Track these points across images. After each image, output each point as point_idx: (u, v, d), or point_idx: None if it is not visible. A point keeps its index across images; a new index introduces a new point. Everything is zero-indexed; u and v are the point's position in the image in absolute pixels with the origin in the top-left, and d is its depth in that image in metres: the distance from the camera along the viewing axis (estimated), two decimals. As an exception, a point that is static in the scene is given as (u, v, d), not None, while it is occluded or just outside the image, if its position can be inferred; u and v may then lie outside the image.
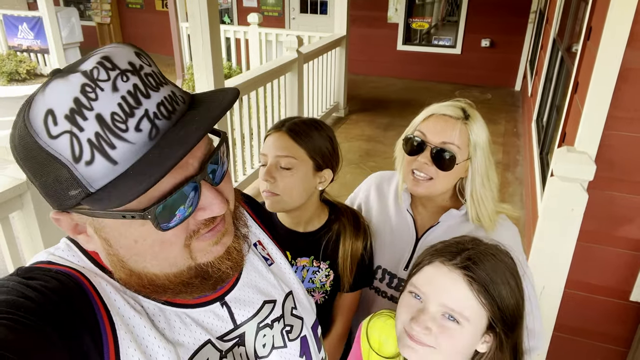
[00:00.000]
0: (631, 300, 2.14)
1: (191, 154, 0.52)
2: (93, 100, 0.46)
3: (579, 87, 2.31)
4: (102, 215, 0.51)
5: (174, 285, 0.58)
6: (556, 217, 2.00)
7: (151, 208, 0.49)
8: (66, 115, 0.46)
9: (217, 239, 0.58)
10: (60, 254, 0.60)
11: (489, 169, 1.13)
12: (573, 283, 2.16)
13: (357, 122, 6.06)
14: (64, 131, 0.46)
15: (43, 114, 0.46)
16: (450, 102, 1.14)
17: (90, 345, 0.51)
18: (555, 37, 4.27)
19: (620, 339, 2.24)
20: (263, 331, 0.71)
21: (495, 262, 0.81)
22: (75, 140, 0.46)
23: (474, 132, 1.10)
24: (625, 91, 1.83)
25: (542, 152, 3.57)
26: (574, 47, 2.92)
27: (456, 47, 8.07)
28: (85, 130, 0.46)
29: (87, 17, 10.48)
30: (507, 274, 0.82)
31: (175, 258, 0.56)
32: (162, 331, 0.59)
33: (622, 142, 1.91)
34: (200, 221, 0.56)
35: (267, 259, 0.80)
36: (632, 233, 2.03)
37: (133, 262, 0.55)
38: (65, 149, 0.46)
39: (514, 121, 6.17)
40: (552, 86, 3.85)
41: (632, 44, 1.76)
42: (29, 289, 0.50)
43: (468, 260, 0.80)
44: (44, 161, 0.48)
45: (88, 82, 0.46)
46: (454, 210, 1.18)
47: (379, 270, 1.26)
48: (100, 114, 0.46)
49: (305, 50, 4.80)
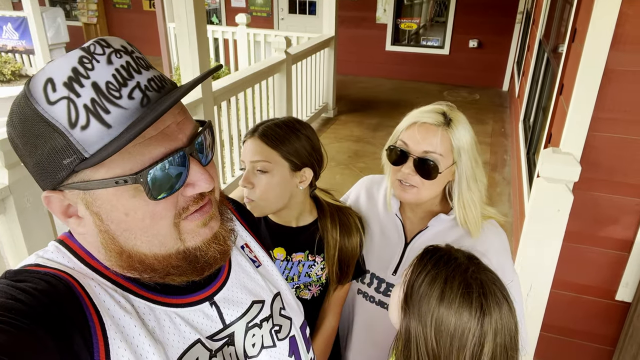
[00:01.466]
0: (617, 300, 2.16)
1: (180, 129, 0.56)
2: (90, 70, 0.50)
3: (564, 88, 2.33)
4: (95, 185, 0.52)
5: (162, 266, 0.59)
6: (542, 217, 2.01)
7: (143, 171, 0.52)
8: (64, 82, 0.50)
9: (205, 220, 0.60)
10: (49, 256, 0.60)
11: (475, 171, 1.12)
12: (560, 283, 2.18)
13: (346, 123, 6.06)
14: (61, 97, 0.49)
15: (43, 82, 0.50)
16: (431, 107, 1.13)
17: (81, 345, 0.52)
18: (542, 38, 4.31)
19: (606, 338, 2.26)
20: (252, 331, 0.72)
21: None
22: (72, 105, 0.49)
23: (456, 137, 1.08)
24: (609, 93, 1.85)
25: (529, 152, 3.60)
26: (560, 48, 2.95)
27: (444, 48, 8.12)
28: (81, 96, 0.50)
29: (74, 17, 10.36)
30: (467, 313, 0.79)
31: (165, 236, 0.57)
32: (152, 330, 0.60)
33: (606, 143, 1.93)
34: (189, 198, 0.58)
35: (254, 261, 0.81)
36: (616, 233, 2.06)
37: (123, 239, 0.57)
38: (63, 114, 0.50)
39: (502, 121, 6.21)
40: (539, 87, 3.88)
41: (615, 46, 1.78)
42: (18, 291, 0.51)
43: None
44: (40, 132, 0.51)
45: (85, 54, 0.51)
46: (442, 215, 1.18)
47: (367, 274, 1.25)
48: (96, 82, 0.50)
49: (293, 51, 4.80)
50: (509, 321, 0.79)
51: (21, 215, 1.77)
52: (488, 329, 0.76)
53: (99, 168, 0.52)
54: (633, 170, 1.94)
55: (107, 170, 0.52)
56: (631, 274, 2.08)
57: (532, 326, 2.21)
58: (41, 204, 1.85)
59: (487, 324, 0.76)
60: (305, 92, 5.43)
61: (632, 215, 2.00)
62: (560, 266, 2.09)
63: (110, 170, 0.52)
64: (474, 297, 0.77)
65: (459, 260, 0.84)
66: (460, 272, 0.81)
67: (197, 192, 0.58)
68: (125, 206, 0.54)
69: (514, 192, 3.99)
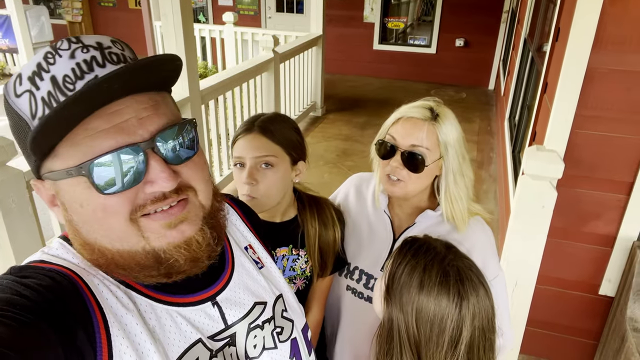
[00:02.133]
0: (600, 294, 2.20)
1: (141, 125, 0.54)
2: (51, 65, 0.52)
3: (548, 87, 2.37)
4: (54, 176, 0.55)
5: (126, 262, 0.57)
6: (527, 214, 2.05)
7: (85, 164, 0.52)
8: (29, 76, 0.53)
9: (171, 221, 0.57)
10: (54, 252, 0.61)
11: (462, 166, 1.14)
12: (544, 278, 2.21)
13: (334, 122, 6.08)
14: (25, 90, 0.53)
15: (14, 77, 0.54)
16: (419, 102, 1.15)
17: (84, 341, 0.52)
18: (526, 37, 4.36)
19: (590, 332, 2.31)
20: (254, 332, 0.72)
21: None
22: (33, 98, 0.52)
23: (442, 132, 1.11)
24: (591, 91, 1.89)
25: (515, 150, 3.65)
26: (544, 47, 2.99)
27: (431, 47, 8.17)
28: (40, 89, 0.52)
29: (58, 16, 10.22)
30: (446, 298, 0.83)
31: (122, 232, 0.56)
32: (153, 329, 0.60)
33: (589, 141, 1.97)
34: (149, 196, 0.55)
35: (257, 262, 0.81)
36: (599, 229, 2.10)
37: (85, 232, 0.57)
38: (26, 106, 0.53)
39: (488, 119, 6.28)
40: (523, 86, 3.93)
41: (597, 45, 1.81)
42: (23, 287, 0.51)
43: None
44: (16, 122, 0.55)
45: (51, 50, 0.54)
46: (429, 211, 1.20)
47: (356, 270, 1.27)
48: (54, 76, 0.52)
49: (281, 50, 4.79)
50: (486, 304, 0.83)
51: (6, 216, 1.75)
52: (466, 314, 0.80)
53: (55, 159, 0.54)
54: (615, 167, 1.98)
55: (61, 162, 0.53)
56: (614, 269, 2.13)
57: (517, 321, 2.24)
58: (27, 205, 1.84)
59: (465, 309, 0.80)
60: (293, 91, 5.43)
61: (614, 211, 2.04)
62: (545, 262, 2.12)
63: (64, 161, 0.53)
64: (451, 283, 0.81)
65: (437, 250, 0.87)
66: (438, 261, 0.84)
67: (155, 190, 0.55)
68: (80, 198, 0.55)
69: (500, 189, 4.04)
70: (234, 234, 0.81)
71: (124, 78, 0.51)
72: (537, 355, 2.45)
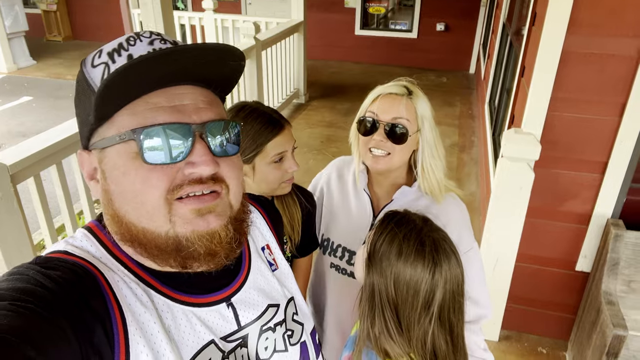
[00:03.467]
0: (577, 270, 2.29)
1: (196, 112, 0.58)
2: (131, 45, 0.58)
3: (525, 70, 2.42)
4: (106, 143, 0.57)
5: (148, 242, 0.58)
6: (506, 195, 2.11)
7: (138, 129, 0.55)
8: (108, 52, 0.58)
9: (201, 209, 0.58)
10: (78, 243, 0.62)
11: (436, 140, 1.21)
12: (523, 256, 2.29)
13: (318, 109, 6.09)
14: (101, 62, 0.58)
15: (95, 52, 0.60)
16: (393, 82, 1.23)
17: (102, 338, 0.53)
18: (505, 21, 4.41)
19: (568, 307, 2.40)
20: (265, 334, 0.72)
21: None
22: (107, 69, 0.57)
23: (419, 106, 1.18)
24: (566, 74, 1.94)
25: (495, 133, 3.72)
26: (522, 31, 3.04)
27: (412, 32, 8.19)
28: (115, 62, 0.57)
29: (32, 5, 9.95)
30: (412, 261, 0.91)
31: (153, 208, 0.56)
32: (168, 328, 0.60)
33: (565, 123, 2.03)
34: (187, 177, 0.57)
35: (272, 264, 0.81)
36: (575, 207, 2.17)
37: (118, 204, 0.58)
38: (98, 76, 0.57)
39: (469, 103, 6.35)
40: (502, 69, 3.99)
41: (571, 29, 1.86)
42: (47, 279, 0.52)
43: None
44: (83, 90, 0.59)
45: (133, 35, 0.59)
46: (405, 187, 1.25)
47: (339, 248, 1.33)
48: (131, 54, 0.57)
49: (262, 37, 4.77)
50: (457, 272, 0.92)
51: (-7, 216, 1.74)
52: (439, 278, 0.89)
53: (110, 126, 0.57)
54: (589, 147, 2.05)
55: (116, 128, 0.57)
56: (589, 246, 2.21)
57: (498, 298, 2.32)
58: (12, 198, 1.83)
59: (438, 274, 0.89)
60: (275, 79, 5.42)
61: (589, 190, 2.12)
62: (524, 240, 2.20)
63: (119, 128, 0.56)
64: (426, 252, 0.90)
65: (415, 222, 0.95)
66: (416, 232, 0.92)
67: (195, 172, 0.57)
68: (124, 165, 0.56)
69: (481, 172, 4.12)
70: (253, 233, 0.82)
71: (194, 54, 0.56)
72: (518, 330, 2.54)
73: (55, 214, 2.41)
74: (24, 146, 2.02)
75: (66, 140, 2.09)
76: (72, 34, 10.15)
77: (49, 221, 2.14)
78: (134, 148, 0.55)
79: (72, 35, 10.15)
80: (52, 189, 2.19)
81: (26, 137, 5.33)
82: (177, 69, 0.56)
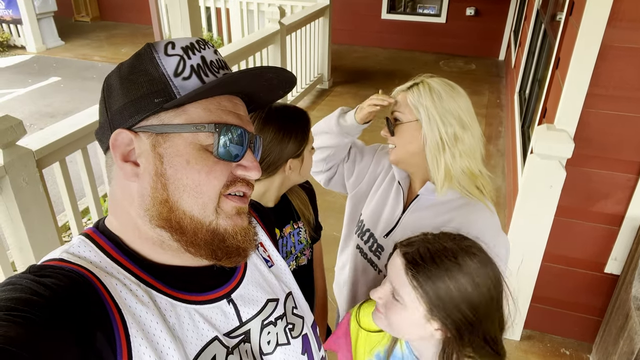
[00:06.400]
0: (606, 272, 2.22)
1: (247, 123, 0.67)
2: (202, 49, 0.64)
3: (560, 62, 2.32)
4: (173, 129, 0.60)
5: (189, 229, 0.61)
6: (535, 193, 2.04)
7: (220, 125, 0.61)
8: (182, 47, 0.63)
9: (241, 208, 0.65)
10: (74, 250, 0.62)
11: (442, 133, 1.14)
12: (550, 256, 2.23)
13: (342, 94, 6.01)
14: (177, 54, 0.62)
15: (166, 42, 0.64)
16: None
17: (104, 343, 0.53)
18: (539, 8, 4.25)
19: (595, 309, 2.34)
20: (267, 328, 0.74)
21: (447, 262, 0.87)
22: (183, 62, 0.62)
23: (413, 96, 1.17)
24: (604, 69, 1.85)
25: (524, 125, 3.61)
26: (558, 17, 2.92)
27: (441, 16, 7.98)
28: (191, 59, 0.63)
29: (61, -16, 10.06)
30: (460, 275, 0.86)
31: (210, 199, 0.61)
32: (172, 327, 0.61)
33: (600, 120, 1.94)
34: (238, 176, 0.64)
35: (267, 261, 0.83)
36: (607, 208, 2.09)
37: (172, 188, 0.60)
38: (173, 65, 0.62)
39: (498, 92, 6.19)
40: (535, 59, 3.85)
41: (612, 22, 1.76)
42: (41, 287, 0.52)
43: (417, 253, 0.89)
44: (144, 71, 0.62)
45: (201, 40, 0.66)
46: (429, 183, 1.21)
47: (367, 232, 1.34)
48: (204, 56, 0.64)
49: (287, 22, 4.71)
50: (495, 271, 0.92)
51: (18, 194, 1.77)
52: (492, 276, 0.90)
53: (181, 114, 0.61)
54: (626, 146, 1.95)
55: (187, 117, 0.61)
56: (620, 248, 2.13)
57: (522, 297, 2.27)
58: (38, 183, 1.86)
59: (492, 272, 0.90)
60: (300, 64, 5.36)
61: (623, 191, 2.03)
62: (552, 240, 2.13)
63: (190, 118, 0.61)
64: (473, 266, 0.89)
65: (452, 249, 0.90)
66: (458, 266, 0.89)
67: (246, 174, 0.64)
68: (190, 154, 0.60)
69: (508, 165, 4.02)
70: None
71: (268, 76, 0.65)
72: (542, 330, 2.49)
73: (80, 196, 2.44)
74: (49, 131, 2.04)
75: (92, 125, 2.10)
76: (99, 14, 10.24)
77: (73, 204, 2.17)
78: (202, 140, 0.61)
79: (100, 16, 10.24)
80: (76, 170, 2.21)
81: (54, 117, 5.42)
82: (259, 87, 0.67)
